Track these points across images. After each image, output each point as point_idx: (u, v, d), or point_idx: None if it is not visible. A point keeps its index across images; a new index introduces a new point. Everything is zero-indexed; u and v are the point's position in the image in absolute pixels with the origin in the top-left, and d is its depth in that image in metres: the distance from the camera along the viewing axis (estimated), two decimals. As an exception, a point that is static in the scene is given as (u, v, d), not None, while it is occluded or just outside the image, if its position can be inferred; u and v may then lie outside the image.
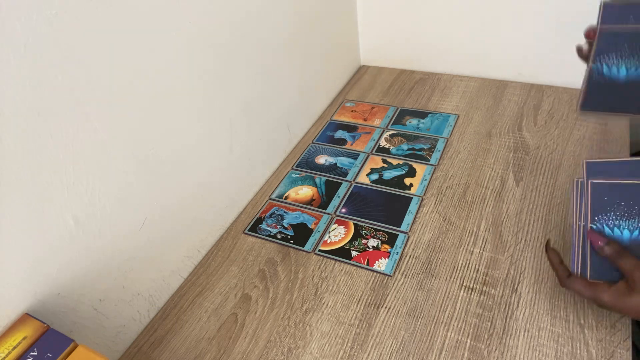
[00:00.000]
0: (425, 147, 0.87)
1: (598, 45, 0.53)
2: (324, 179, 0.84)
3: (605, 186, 0.49)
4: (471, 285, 0.63)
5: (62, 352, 0.43)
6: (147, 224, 0.61)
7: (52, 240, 0.49)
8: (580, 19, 0.89)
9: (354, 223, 0.74)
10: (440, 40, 1.05)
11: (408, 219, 0.74)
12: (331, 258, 0.70)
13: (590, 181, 0.49)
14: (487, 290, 0.62)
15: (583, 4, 0.87)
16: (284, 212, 0.78)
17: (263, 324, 0.62)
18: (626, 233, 0.49)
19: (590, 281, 0.51)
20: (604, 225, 0.50)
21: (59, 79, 0.45)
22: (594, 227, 0.50)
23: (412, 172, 0.82)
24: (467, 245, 0.68)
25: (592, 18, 0.88)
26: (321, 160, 0.88)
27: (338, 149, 0.90)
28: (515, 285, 0.62)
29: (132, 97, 0.54)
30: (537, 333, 0.57)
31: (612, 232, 0.50)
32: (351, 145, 0.91)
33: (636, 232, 0.49)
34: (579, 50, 0.57)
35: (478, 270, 0.65)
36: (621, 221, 0.49)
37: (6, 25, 0.40)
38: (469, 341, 0.57)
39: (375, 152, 0.88)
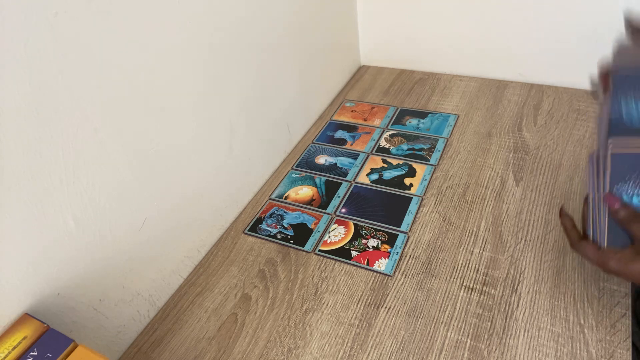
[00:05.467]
0: (425, 147, 0.87)
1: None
2: (323, 179, 0.84)
3: (624, 156, 0.49)
4: (471, 285, 0.63)
5: (62, 352, 0.43)
6: (147, 224, 0.61)
7: (52, 240, 0.49)
8: (580, 19, 0.89)
9: (354, 223, 0.74)
10: (440, 40, 1.05)
11: (408, 219, 0.74)
12: (331, 258, 0.70)
13: (610, 151, 0.49)
14: (487, 290, 0.62)
15: (583, 4, 0.88)
16: (284, 212, 0.78)
17: (263, 324, 0.62)
18: None
19: (599, 248, 0.51)
20: (622, 194, 0.50)
21: (58, 78, 0.45)
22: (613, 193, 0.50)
23: (412, 172, 0.82)
24: (467, 245, 0.68)
25: (592, 18, 0.88)
26: (321, 160, 0.88)
27: (338, 149, 0.90)
28: (515, 285, 0.62)
29: (132, 97, 0.54)
30: (537, 333, 0.57)
31: (631, 201, 0.49)
32: (351, 145, 0.91)
33: None
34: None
35: (478, 270, 0.65)
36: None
37: (6, 25, 0.40)
38: (469, 341, 0.57)
39: (375, 152, 0.88)
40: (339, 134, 0.94)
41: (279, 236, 0.74)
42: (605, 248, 0.51)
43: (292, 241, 0.73)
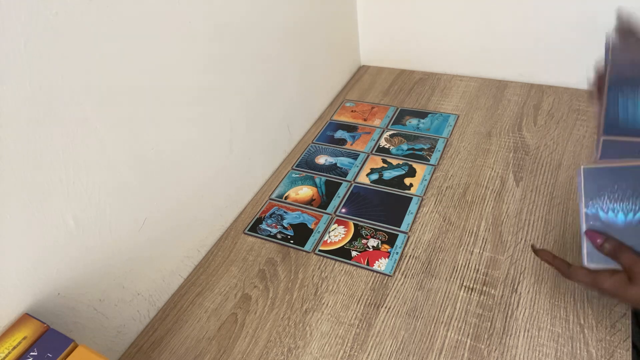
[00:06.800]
0: (425, 147, 0.87)
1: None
2: (324, 179, 0.84)
3: (596, 171, 0.49)
4: (471, 285, 0.63)
5: (62, 352, 0.43)
6: (147, 224, 0.61)
7: (52, 240, 0.49)
8: (580, 19, 0.89)
9: (353, 223, 0.74)
10: (440, 40, 1.05)
11: (408, 219, 0.74)
12: (331, 258, 0.70)
13: (582, 167, 0.49)
14: (487, 290, 0.62)
15: (583, 4, 0.88)
16: (284, 212, 0.78)
17: (263, 324, 0.62)
18: (620, 216, 0.49)
19: (591, 270, 0.51)
20: (599, 209, 0.50)
21: (58, 78, 0.45)
22: (589, 212, 0.50)
23: (412, 172, 0.82)
24: (467, 245, 0.68)
25: (592, 18, 0.88)
26: (321, 160, 0.88)
27: (338, 149, 0.90)
28: (515, 285, 0.62)
29: (132, 97, 0.54)
30: (537, 333, 0.57)
31: (607, 215, 0.49)
32: (351, 145, 0.91)
33: (630, 215, 0.48)
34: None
35: (478, 270, 0.65)
36: (615, 204, 0.49)
37: (6, 25, 0.40)
38: (469, 341, 0.57)
39: (375, 152, 0.88)
40: (339, 134, 0.94)
41: (279, 236, 0.74)
42: (597, 271, 0.50)
43: (292, 241, 0.73)
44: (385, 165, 0.85)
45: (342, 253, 0.70)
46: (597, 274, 0.50)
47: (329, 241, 0.72)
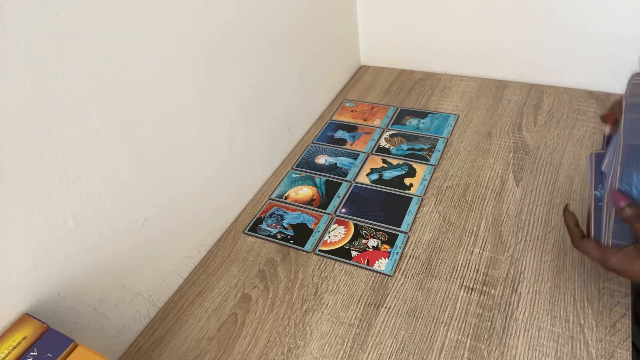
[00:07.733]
0: (425, 147, 0.87)
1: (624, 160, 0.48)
2: (323, 179, 0.84)
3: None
4: (471, 285, 0.63)
5: (62, 352, 0.43)
6: (147, 223, 0.61)
7: (52, 240, 0.49)
8: (580, 19, 0.89)
9: (354, 223, 0.74)
10: (440, 40, 1.05)
11: (408, 219, 0.74)
12: (331, 258, 0.70)
13: (626, 142, 0.48)
14: (487, 290, 0.62)
15: (583, 4, 0.88)
16: (284, 212, 0.78)
17: (263, 324, 0.62)
18: None
19: (601, 245, 0.51)
20: (633, 186, 0.49)
21: (58, 78, 0.45)
22: (622, 188, 0.49)
23: (412, 172, 0.82)
24: (467, 245, 0.68)
25: (592, 18, 0.88)
26: (321, 160, 0.88)
27: (338, 149, 0.90)
28: (515, 285, 0.62)
29: (132, 97, 0.54)
30: (537, 333, 0.57)
31: None
32: (351, 145, 0.91)
33: None
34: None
35: (478, 270, 0.65)
36: None
37: (6, 25, 0.40)
38: (469, 341, 0.57)
39: (375, 152, 0.88)
40: (339, 134, 0.94)
41: (279, 236, 0.74)
42: (607, 245, 0.51)
43: (292, 241, 0.73)
44: (385, 165, 0.85)
45: (342, 253, 0.70)
46: (605, 248, 0.50)
47: (329, 241, 0.72)
